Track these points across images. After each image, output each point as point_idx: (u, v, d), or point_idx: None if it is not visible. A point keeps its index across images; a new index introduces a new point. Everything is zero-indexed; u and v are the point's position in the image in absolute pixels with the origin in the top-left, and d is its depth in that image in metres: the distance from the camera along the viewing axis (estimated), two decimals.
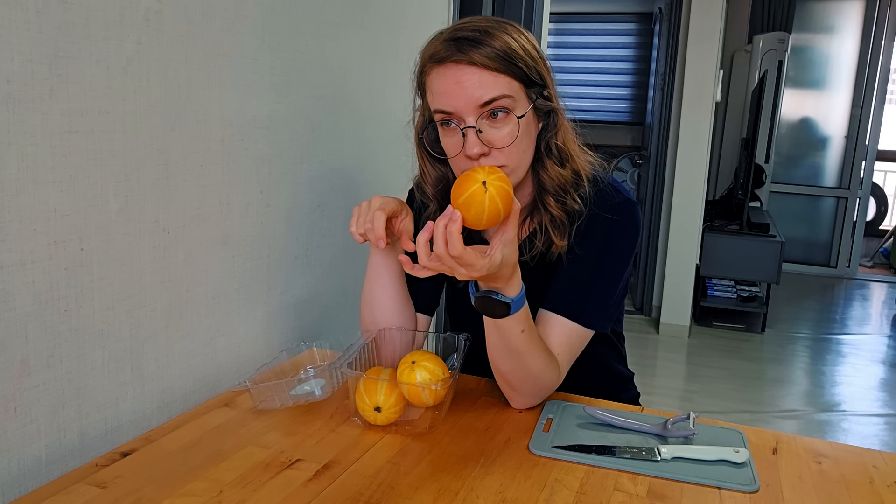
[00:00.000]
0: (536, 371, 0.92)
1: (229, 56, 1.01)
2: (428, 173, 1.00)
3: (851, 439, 2.80)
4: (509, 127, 0.89)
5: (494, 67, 0.86)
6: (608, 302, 0.99)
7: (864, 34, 5.04)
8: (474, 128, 0.87)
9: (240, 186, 1.06)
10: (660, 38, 4.17)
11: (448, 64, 0.87)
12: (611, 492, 0.78)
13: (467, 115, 0.87)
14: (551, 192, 0.96)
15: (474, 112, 0.87)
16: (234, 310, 1.08)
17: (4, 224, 0.72)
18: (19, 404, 0.76)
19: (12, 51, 0.71)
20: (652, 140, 4.14)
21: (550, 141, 0.95)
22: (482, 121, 0.88)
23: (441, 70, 0.88)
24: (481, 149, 0.88)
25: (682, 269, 3.90)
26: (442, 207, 1.01)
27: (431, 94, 0.91)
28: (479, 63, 0.86)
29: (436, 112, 0.90)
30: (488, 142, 0.88)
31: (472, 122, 0.87)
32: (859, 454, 0.89)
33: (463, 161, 0.90)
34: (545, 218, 0.96)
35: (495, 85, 0.87)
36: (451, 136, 0.91)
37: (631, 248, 0.99)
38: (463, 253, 0.77)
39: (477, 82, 0.86)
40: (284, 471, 0.80)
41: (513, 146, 0.89)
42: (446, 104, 0.88)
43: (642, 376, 2.98)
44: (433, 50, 0.89)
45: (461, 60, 0.86)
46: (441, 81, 0.88)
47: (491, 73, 0.87)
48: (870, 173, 5.25)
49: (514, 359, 0.91)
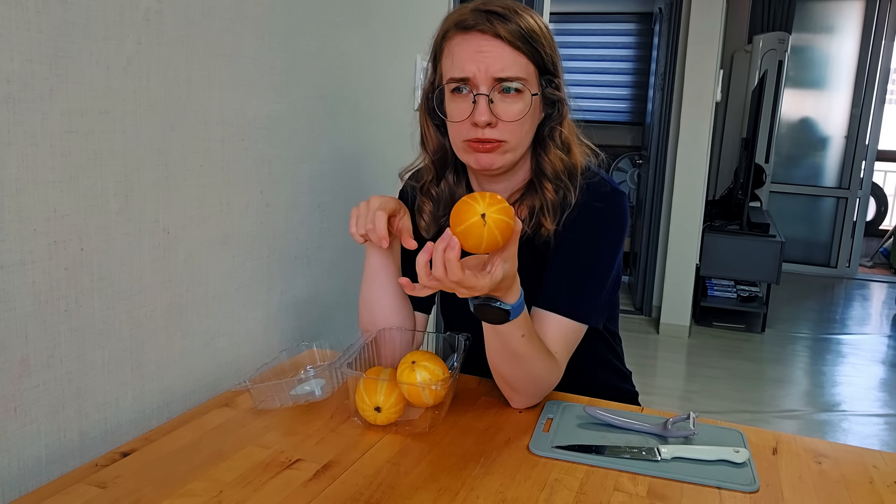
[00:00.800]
0: (538, 373, 0.92)
1: (229, 56, 1.01)
2: (430, 140, 1.02)
3: (851, 439, 2.80)
4: (519, 105, 0.91)
5: (517, 46, 0.89)
6: (599, 294, 0.99)
7: (864, 34, 5.04)
8: (487, 96, 0.90)
9: (240, 186, 1.06)
10: (660, 38, 4.16)
11: (474, 32, 0.90)
12: (611, 492, 0.78)
13: (482, 84, 0.90)
14: (550, 177, 0.97)
15: (489, 83, 0.90)
16: (234, 310, 1.08)
17: (4, 224, 0.72)
18: (19, 404, 0.76)
19: (12, 51, 0.71)
20: (652, 140, 4.13)
21: (555, 128, 0.97)
22: (496, 93, 0.90)
23: (466, 37, 0.91)
24: (489, 117, 0.90)
25: (682, 269, 3.90)
26: (438, 175, 1.03)
27: (451, 60, 0.92)
28: (505, 38, 0.89)
29: (451, 79, 0.92)
30: (498, 114, 0.90)
31: (485, 90, 0.90)
32: (859, 454, 0.89)
33: (467, 128, 0.92)
34: (537, 202, 0.97)
35: (514, 64, 0.90)
36: (461, 101, 0.92)
37: (619, 239, 1.00)
38: (462, 278, 0.78)
39: (499, 56, 0.89)
40: (284, 471, 0.80)
41: (518, 123, 0.91)
42: (465, 70, 0.90)
43: (642, 376, 2.98)
44: (460, 17, 0.91)
45: (487, 31, 0.89)
46: (463, 48, 0.91)
47: (513, 50, 0.89)
48: (870, 173, 5.25)
49: (515, 362, 0.91)
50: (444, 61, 0.94)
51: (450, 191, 1.03)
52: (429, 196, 1.04)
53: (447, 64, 0.93)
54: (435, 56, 0.97)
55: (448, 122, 0.96)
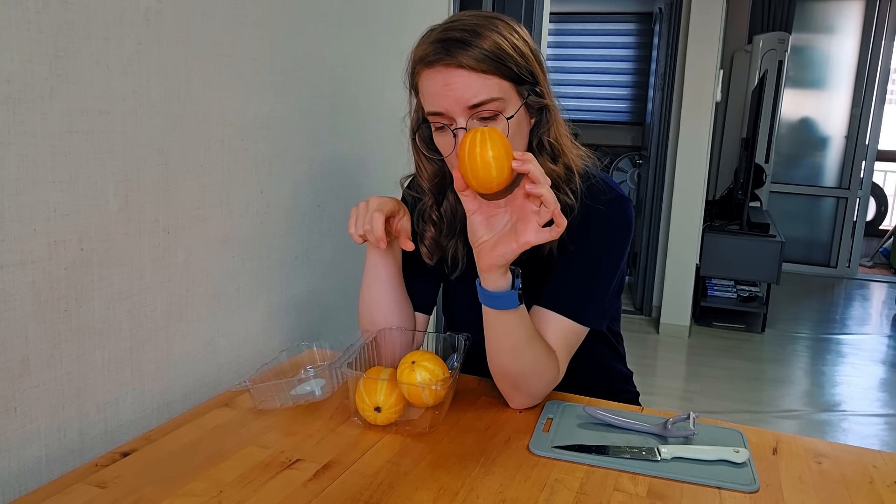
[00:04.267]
0: (540, 361, 0.92)
1: (229, 56, 1.01)
2: (424, 169, 1.00)
3: (851, 439, 2.80)
4: (500, 126, 0.88)
5: (483, 69, 0.86)
6: (603, 298, 0.99)
7: (864, 34, 5.04)
8: (465, 129, 0.87)
9: (240, 186, 1.06)
10: (660, 38, 4.17)
11: (437, 67, 0.87)
12: (611, 492, 0.78)
13: (458, 116, 0.87)
14: None
15: (464, 113, 0.87)
16: (234, 310, 1.08)
17: (4, 224, 0.72)
18: (19, 404, 0.76)
19: (12, 51, 0.71)
20: (652, 140, 4.14)
21: (543, 137, 0.95)
22: (472, 121, 0.88)
23: (430, 73, 0.88)
24: None
25: (682, 269, 3.90)
26: (438, 201, 1.02)
27: (423, 96, 0.91)
28: (467, 66, 0.85)
29: (428, 114, 0.90)
30: None
31: (462, 122, 0.87)
32: (859, 454, 0.89)
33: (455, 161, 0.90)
34: None
35: (483, 87, 0.86)
36: (444, 136, 0.91)
37: (624, 244, 0.99)
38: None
39: (465, 85, 0.86)
40: (284, 471, 0.80)
41: None
42: (437, 106, 0.88)
43: (642, 376, 2.97)
44: (422, 52, 0.89)
45: (450, 63, 0.86)
46: (430, 84, 0.88)
47: (479, 74, 0.86)
48: (870, 173, 5.25)
49: (519, 352, 0.90)
50: (420, 97, 0.92)
51: (451, 211, 1.02)
52: (430, 221, 1.02)
53: (422, 99, 0.92)
54: (412, 89, 0.95)
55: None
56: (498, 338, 0.91)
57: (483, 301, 0.89)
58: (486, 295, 0.88)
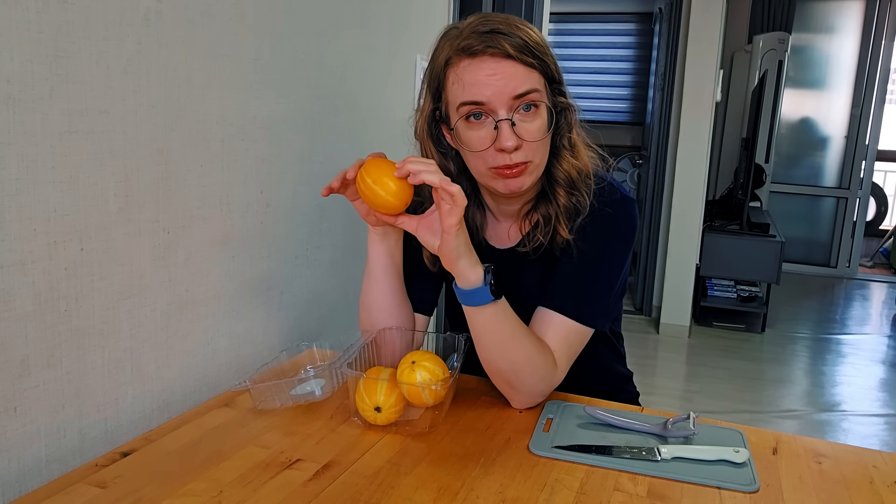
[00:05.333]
0: (531, 356, 0.92)
1: (229, 56, 1.01)
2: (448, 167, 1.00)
3: (851, 439, 2.80)
4: (539, 121, 0.90)
5: (526, 62, 0.88)
6: (606, 300, 0.99)
7: (864, 34, 5.04)
8: (509, 120, 0.88)
9: (240, 186, 1.06)
10: (660, 38, 4.17)
11: (482, 56, 0.88)
12: (611, 492, 0.78)
13: (500, 108, 0.88)
14: (563, 184, 0.96)
15: (507, 104, 0.88)
16: (234, 310, 1.08)
17: (4, 224, 0.72)
18: (19, 404, 0.76)
19: (12, 51, 0.71)
20: (652, 140, 4.14)
21: (565, 135, 0.96)
22: (515, 114, 0.89)
23: (474, 61, 0.88)
24: (516, 142, 0.88)
25: (682, 269, 3.90)
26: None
27: (461, 86, 0.89)
28: (515, 56, 0.87)
29: (464, 104, 0.89)
30: (521, 135, 0.89)
31: (504, 114, 0.88)
32: (859, 454, 0.89)
33: (492, 155, 0.90)
34: (553, 210, 0.97)
35: (528, 78, 0.88)
36: (479, 129, 0.90)
37: (629, 246, 0.99)
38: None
39: (512, 74, 0.87)
40: (284, 471, 0.80)
41: (542, 141, 0.91)
42: (479, 95, 0.88)
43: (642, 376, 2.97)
44: (464, 42, 0.89)
45: (497, 53, 0.87)
46: (473, 73, 0.88)
47: (524, 66, 0.88)
48: (870, 173, 5.26)
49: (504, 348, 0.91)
50: (452, 88, 0.91)
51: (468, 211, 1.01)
52: None
53: (456, 91, 0.90)
54: (437, 84, 0.94)
55: (467, 152, 0.93)
56: (481, 335, 0.91)
57: (460, 300, 0.90)
58: (460, 293, 0.90)
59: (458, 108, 0.90)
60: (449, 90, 0.92)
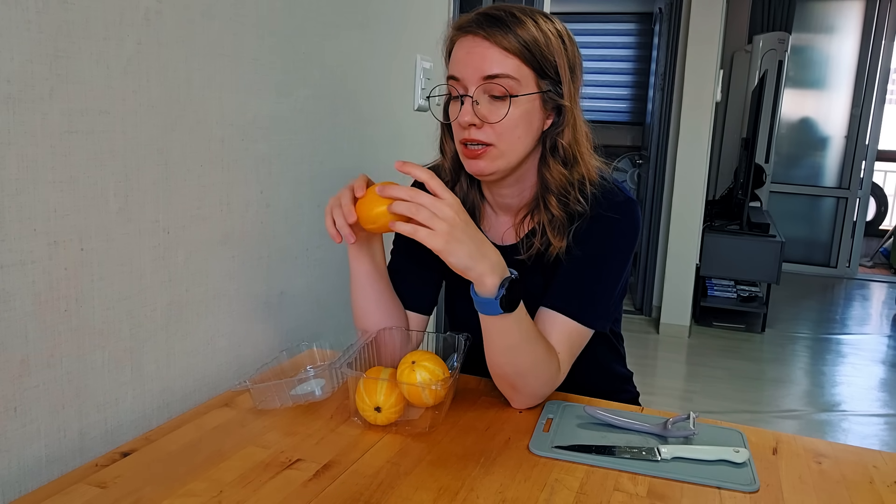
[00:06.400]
0: (538, 362, 0.91)
1: (229, 56, 1.01)
2: (445, 141, 1.03)
3: (851, 439, 2.80)
4: (510, 108, 0.91)
5: (506, 47, 0.89)
6: (608, 301, 0.99)
7: (864, 34, 5.05)
8: (471, 97, 0.91)
9: (240, 186, 1.06)
10: (660, 38, 4.17)
11: (468, 35, 0.92)
12: (611, 492, 0.78)
13: (470, 85, 0.91)
14: (554, 191, 0.96)
15: (476, 83, 0.90)
16: (234, 310, 1.08)
17: (4, 224, 0.72)
18: (19, 404, 0.76)
19: (12, 51, 0.71)
20: (652, 140, 4.14)
21: (557, 139, 0.95)
22: (482, 94, 0.91)
23: (462, 39, 0.93)
24: (472, 118, 0.91)
25: (682, 269, 3.90)
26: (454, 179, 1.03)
27: (450, 61, 0.95)
28: (493, 40, 0.89)
29: (449, 78, 0.94)
30: (482, 115, 0.91)
31: (471, 91, 0.91)
32: (859, 454, 0.89)
33: (457, 129, 0.94)
34: (545, 218, 0.96)
35: (502, 63, 0.90)
36: (455, 104, 0.94)
37: (631, 247, 0.99)
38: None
39: (485, 55, 0.90)
40: (284, 471, 0.80)
41: (506, 127, 0.91)
42: (455, 70, 0.93)
43: (642, 376, 2.98)
44: (463, 21, 0.94)
45: (478, 33, 0.90)
46: (458, 48, 0.93)
47: (502, 51, 0.90)
48: (870, 173, 5.26)
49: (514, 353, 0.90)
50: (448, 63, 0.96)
51: (463, 196, 1.02)
52: None
53: (448, 65, 0.96)
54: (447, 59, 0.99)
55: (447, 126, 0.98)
56: (492, 339, 0.91)
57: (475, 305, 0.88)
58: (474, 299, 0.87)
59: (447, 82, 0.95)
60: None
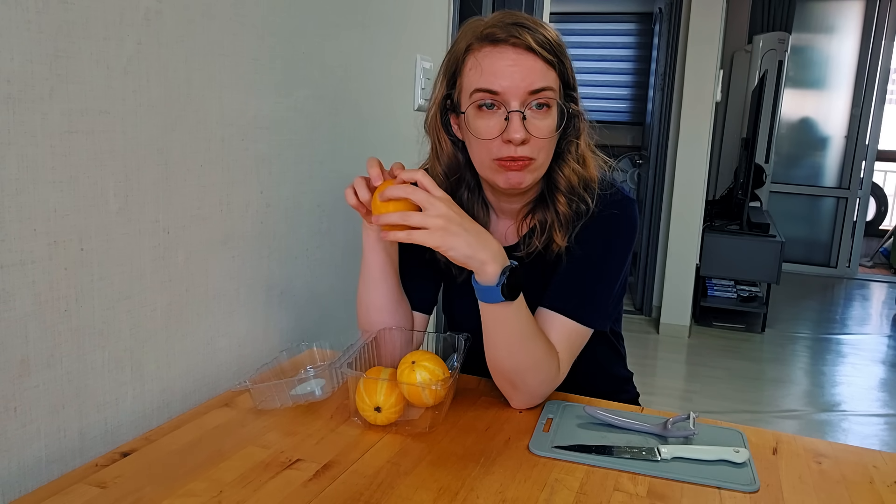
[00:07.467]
0: (538, 360, 0.92)
1: (229, 56, 1.01)
2: (444, 154, 1.00)
3: (851, 439, 2.80)
4: (550, 120, 0.90)
5: (547, 59, 0.89)
6: (607, 300, 0.99)
7: (864, 34, 5.05)
8: (521, 112, 0.88)
9: (240, 186, 1.06)
10: (660, 38, 4.17)
11: (505, 46, 0.88)
12: (611, 492, 0.78)
13: (514, 99, 0.88)
14: (564, 190, 0.96)
15: (521, 97, 0.88)
16: (234, 310, 1.08)
17: (4, 224, 0.72)
18: (19, 404, 0.76)
19: (12, 51, 0.71)
20: (652, 140, 4.14)
21: (573, 142, 0.96)
22: (527, 109, 0.89)
23: (497, 50, 0.89)
24: (524, 135, 0.88)
25: (682, 269, 3.90)
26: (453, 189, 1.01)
27: (479, 72, 0.90)
28: (536, 51, 0.88)
29: (479, 91, 0.89)
30: (530, 130, 0.89)
31: (517, 106, 0.88)
32: (859, 454, 0.89)
33: (497, 146, 0.90)
34: (550, 216, 0.97)
35: (546, 76, 0.89)
36: (489, 118, 0.90)
37: (629, 246, 0.99)
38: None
39: (531, 68, 0.88)
40: (284, 471, 0.80)
41: (548, 140, 0.91)
42: (496, 84, 0.88)
43: (642, 376, 2.98)
44: (487, 29, 0.89)
45: (519, 44, 0.88)
46: (494, 61, 0.89)
47: (544, 63, 0.89)
48: (870, 173, 5.26)
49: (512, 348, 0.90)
50: (469, 73, 0.91)
51: (469, 208, 1.01)
52: None
53: (472, 76, 0.90)
54: (454, 70, 0.94)
55: (473, 140, 0.93)
56: (491, 331, 0.91)
57: (476, 293, 0.89)
58: (475, 286, 0.89)
59: (471, 95, 0.90)
60: (465, 76, 0.92)
